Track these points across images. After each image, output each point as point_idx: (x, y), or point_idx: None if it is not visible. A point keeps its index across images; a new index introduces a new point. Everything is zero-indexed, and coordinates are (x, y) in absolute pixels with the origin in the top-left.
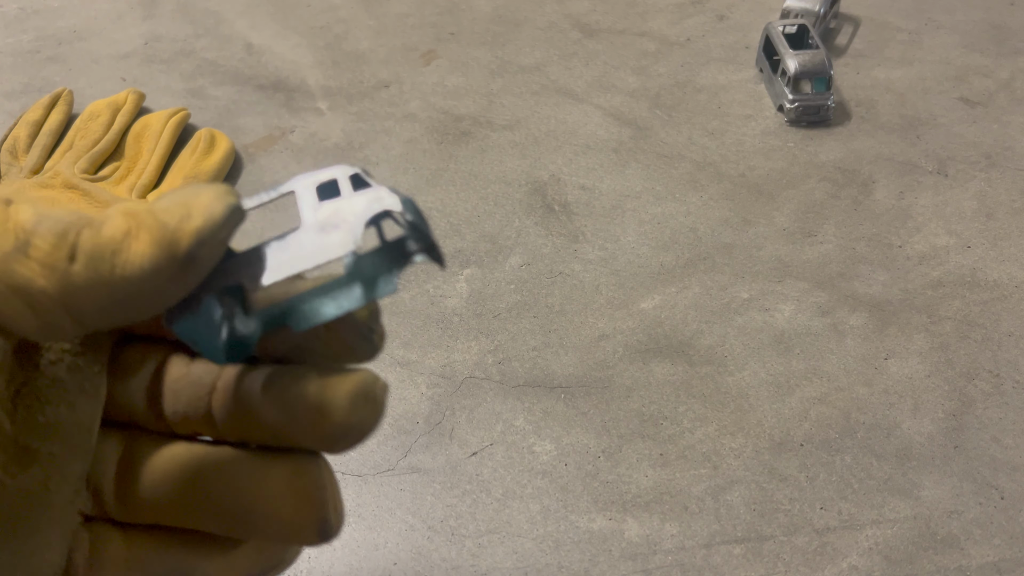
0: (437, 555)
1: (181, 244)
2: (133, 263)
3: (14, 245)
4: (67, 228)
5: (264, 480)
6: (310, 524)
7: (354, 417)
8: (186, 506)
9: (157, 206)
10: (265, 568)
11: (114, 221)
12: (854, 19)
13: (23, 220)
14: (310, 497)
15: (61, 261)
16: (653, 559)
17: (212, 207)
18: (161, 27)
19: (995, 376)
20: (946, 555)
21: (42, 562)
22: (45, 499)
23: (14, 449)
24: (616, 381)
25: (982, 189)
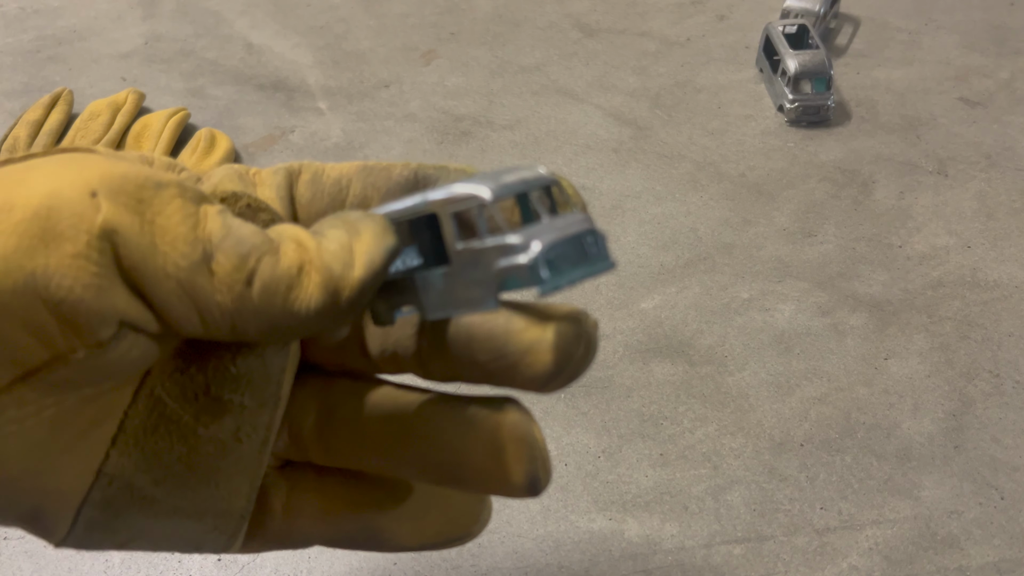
0: (437, 555)
1: (344, 293)
2: (302, 302)
3: (201, 256)
4: (249, 252)
5: (474, 434)
6: (519, 480)
7: (568, 356)
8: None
9: (324, 246)
10: (450, 539)
11: (289, 254)
12: (854, 19)
13: (211, 230)
14: (519, 453)
15: (239, 284)
16: (653, 559)
17: (373, 255)
18: (161, 27)
19: (995, 376)
20: (946, 555)
21: (231, 507)
22: (236, 449)
23: (206, 400)
24: (616, 381)
25: (982, 189)
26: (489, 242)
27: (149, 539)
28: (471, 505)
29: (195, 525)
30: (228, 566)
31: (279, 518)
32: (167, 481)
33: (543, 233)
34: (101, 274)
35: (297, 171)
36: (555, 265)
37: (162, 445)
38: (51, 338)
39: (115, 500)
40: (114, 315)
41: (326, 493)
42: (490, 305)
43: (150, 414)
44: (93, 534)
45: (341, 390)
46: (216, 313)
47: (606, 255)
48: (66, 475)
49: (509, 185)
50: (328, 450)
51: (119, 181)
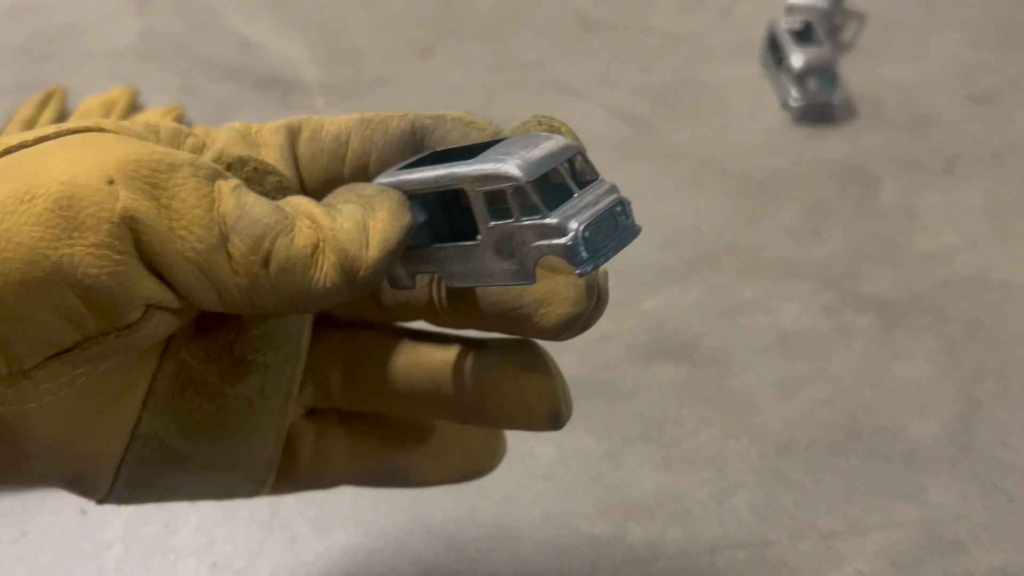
0: (436, 560)
1: (359, 272)
2: (318, 281)
3: (217, 239)
4: (264, 232)
5: (498, 376)
6: (543, 414)
7: (581, 308)
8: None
9: (339, 224)
10: (469, 474)
11: (303, 233)
12: (860, 15)
13: (226, 211)
14: (542, 391)
15: (256, 265)
16: (656, 564)
17: (388, 234)
18: (155, 23)
19: (1003, 378)
20: (953, 559)
21: (259, 458)
22: (262, 404)
23: (230, 360)
24: (618, 383)
25: (990, 187)
26: (525, 221)
27: (185, 492)
28: (489, 442)
29: (227, 476)
30: (223, 570)
31: (308, 463)
32: (199, 438)
33: (578, 211)
34: (124, 261)
35: (297, 128)
36: (592, 243)
37: (191, 405)
38: (83, 321)
39: (151, 459)
40: (140, 299)
41: (352, 437)
42: (527, 281)
43: (177, 376)
44: (133, 491)
45: (363, 341)
46: (234, 292)
47: (633, 222)
48: (103, 439)
49: (539, 162)
50: (356, 398)
51: (133, 166)
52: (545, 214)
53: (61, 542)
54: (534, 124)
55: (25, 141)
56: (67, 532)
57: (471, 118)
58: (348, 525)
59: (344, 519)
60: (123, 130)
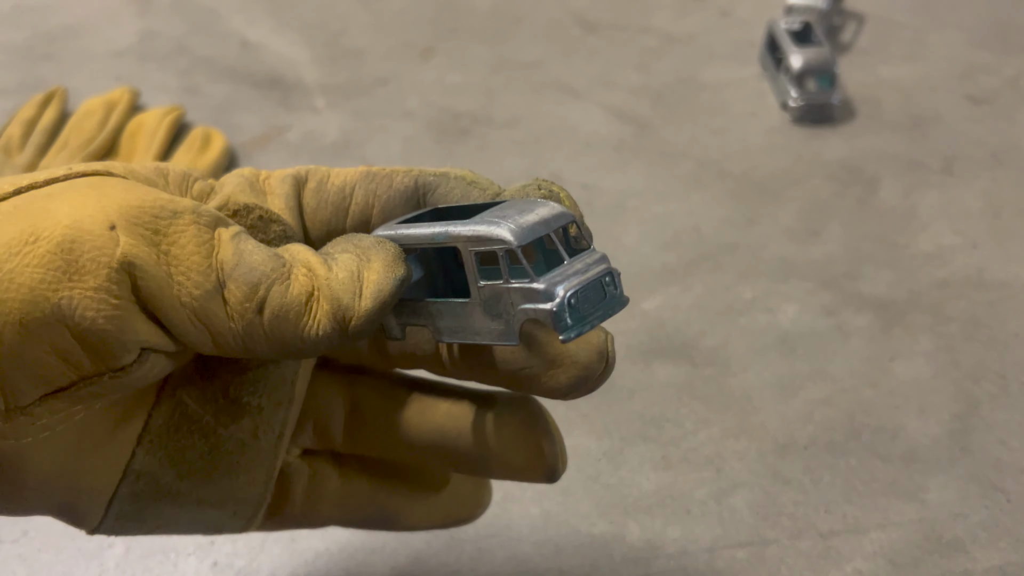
0: (436, 560)
1: (351, 322)
2: (311, 329)
3: (214, 284)
4: (260, 280)
5: (502, 427)
6: (540, 471)
7: (590, 372)
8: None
9: (334, 275)
10: (456, 521)
11: (299, 281)
12: (859, 16)
13: (224, 258)
14: (541, 448)
15: (250, 312)
16: (655, 563)
17: (382, 285)
18: (156, 24)
19: (1001, 377)
20: (952, 559)
21: (249, 496)
22: (254, 446)
23: (225, 402)
24: (618, 383)
25: (988, 188)
26: (514, 283)
27: (174, 526)
28: (477, 491)
29: (217, 512)
30: (224, 570)
31: (300, 503)
32: (191, 476)
33: (566, 278)
34: (121, 306)
35: (304, 178)
36: (577, 311)
37: (185, 443)
38: (78, 362)
39: (143, 494)
40: (135, 342)
41: (345, 479)
42: (511, 342)
43: (173, 414)
44: (124, 524)
45: (366, 388)
46: (229, 338)
47: (621, 293)
48: (96, 473)
49: (532, 229)
50: (357, 444)
51: (136, 212)
52: (533, 279)
53: (62, 541)
54: (534, 188)
55: (35, 182)
56: (68, 532)
57: (474, 177)
58: None
59: None
60: (132, 174)
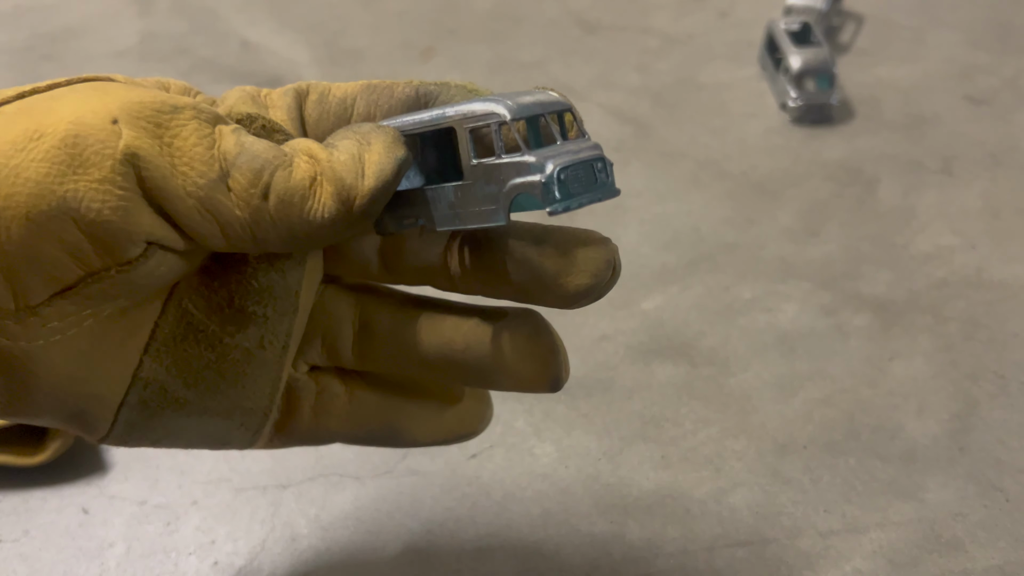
0: (436, 560)
1: (356, 201)
2: (316, 212)
3: (218, 174)
4: (263, 166)
5: (510, 341)
6: (545, 380)
7: (598, 279)
8: (432, 363)
9: (336, 157)
10: (460, 437)
11: (301, 167)
12: (857, 16)
13: (226, 148)
14: (546, 359)
15: (256, 197)
16: (655, 563)
17: (383, 164)
18: (156, 24)
19: (1000, 377)
20: (951, 558)
21: (255, 406)
22: (260, 355)
23: (231, 311)
24: (617, 382)
25: (987, 188)
26: (505, 159)
27: (181, 437)
28: (479, 406)
29: (223, 423)
30: (224, 570)
31: (308, 419)
32: (197, 384)
33: (557, 155)
34: (126, 197)
35: (305, 91)
36: (566, 186)
37: (191, 352)
38: (85, 256)
39: (150, 402)
40: (141, 235)
41: (353, 396)
42: (500, 219)
43: (179, 324)
44: (131, 433)
45: (375, 306)
46: (236, 227)
47: (613, 183)
48: (106, 380)
49: (527, 106)
50: (366, 361)
51: (138, 107)
52: (524, 152)
53: (63, 541)
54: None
55: (38, 87)
56: (69, 531)
57: (474, 87)
58: (349, 524)
59: (345, 518)
60: (132, 82)
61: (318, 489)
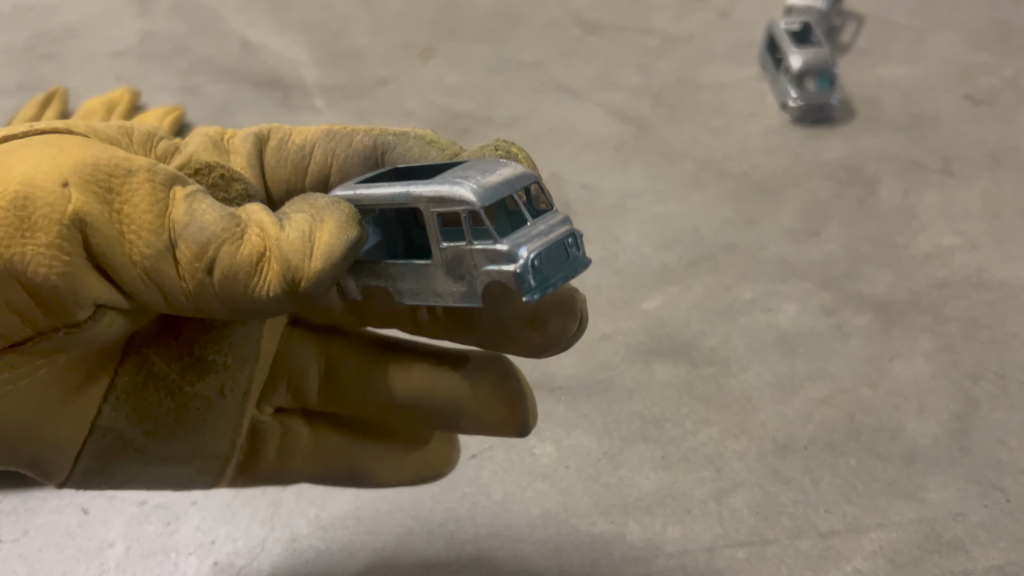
0: (437, 559)
1: (302, 284)
2: (261, 289)
3: (166, 244)
4: (210, 239)
5: (475, 385)
6: (513, 425)
7: (565, 331)
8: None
9: (285, 235)
10: (424, 479)
11: (251, 241)
12: (858, 16)
13: (176, 217)
14: (514, 404)
15: (200, 272)
16: (655, 563)
17: (333, 246)
18: (156, 24)
19: (1001, 377)
20: (951, 559)
21: (215, 452)
22: (220, 403)
23: (191, 359)
24: (618, 383)
25: (988, 188)
26: (477, 245)
27: (143, 481)
28: (446, 448)
29: (184, 468)
30: (224, 570)
31: (272, 460)
32: (157, 432)
33: (529, 240)
34: (72, 262)
35: (266, 136)
36: (541, 272)
37: (151, 400)
38: (33, 317)
39: (109, 450)
40: (88, 298)
41: (317, 437)
42: (474, 303)
43: (139, 372)
44: (91, 479)
45: (340, 347)
46: (180, 297)
47: (584, 255)
48: (62, 428)
49: (495, 188)
50: (332, 402)
51: (91, 169)
52: (496, 240)
53: (63, 541)
54: (491, 148)
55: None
56: (69, 531)
57: (433, 137)
58: (349, 524)
59: (345, 518)
60: (94, 132)
61: (318, 489)
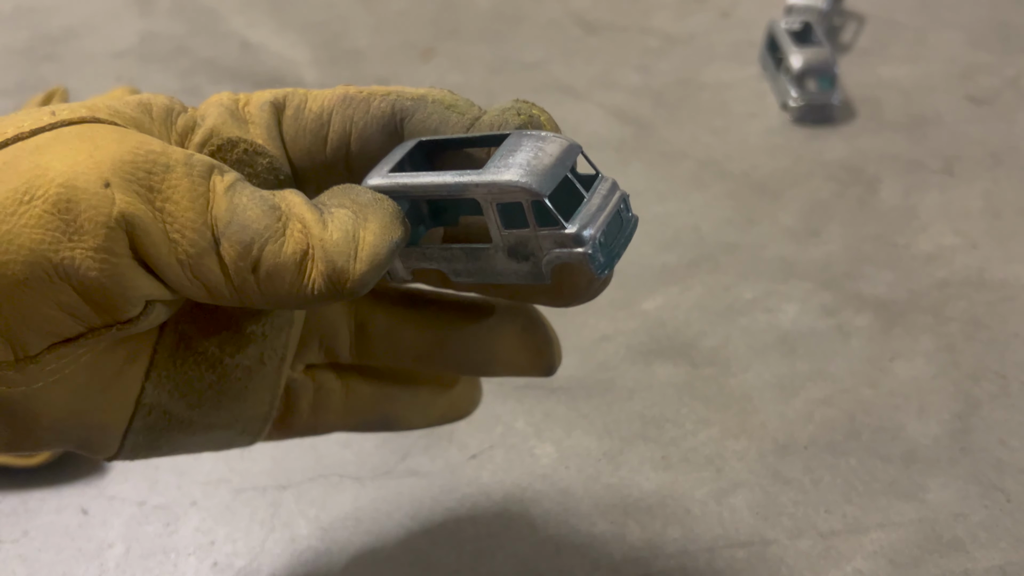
0: (436, 560)
1: (346, 285)
2: (305, 289)
3: (209, 242)
4: (253, 239)
5: (503, 335)
6: (540, 368)
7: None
8: (429, 357)
9: (329, 235)
10: (450, 420)
11: (293, 238)
12: (859, 16)
13: (218, 215)
14: (540, 348)
15: (244, 270)
16: (655, 563)
17: (378, 248)
18: (156, 25)
19: (1001, 377)
20: (952, 559)
21: (256, 414)
22: (259, 371)
23: (228, 332)
24: (618, 383)
25: (988, 188)
26: (543, 231)
27: (187, 448)
28: (470, 392)
29: (226, 433)
30: (224, 570)
31: (306, 415)
32: (201, 405)
33: (591, 217)
34: (121, 264)
35: (282, 104)
36: (606, 247)
37: (192, 374)
38: (86, 316)
39: (155, 426)
40: (139, 297)
41: (349, 391)
42: (542, 281)
43: (178, 347)
44: (139, 452)
45: (369, 305)
46: (224, 292)
47: (632, 214)
48: (108, 410)
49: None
50: (363, 357)
51: (130, 167)
52: (563, 224)
53: (62, 541)
54: (513, 114)
55: (21, 132)
56: (68, 531)
57: (452, 100)
58: (349, 524)
59: (345, 518)
60: (118, 115)
61: (318, 489)
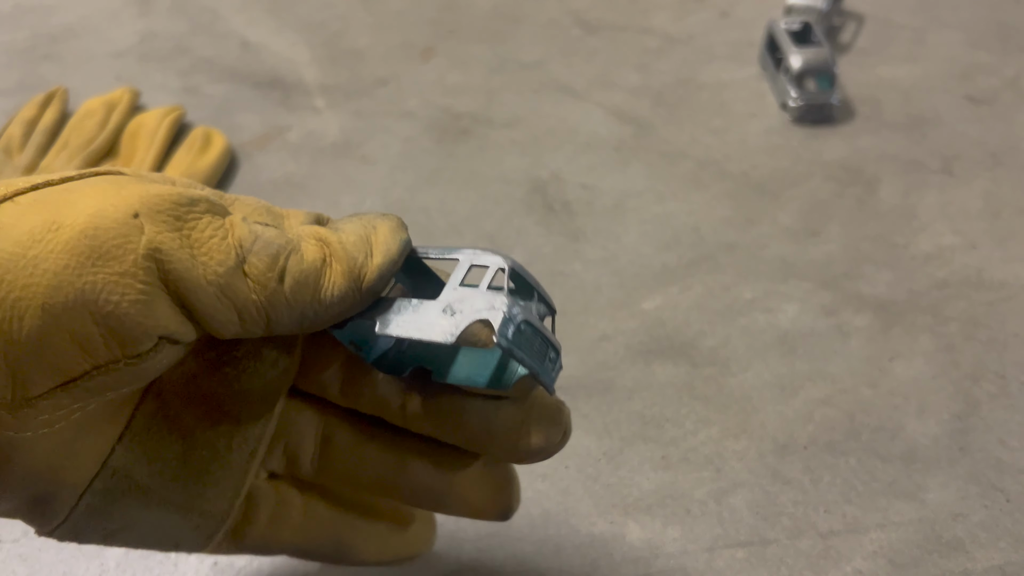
0: (436, 559)
1: (366, 278)
2: (328, 290)
3: (236, 261)
4: (278, 251)
5: (462, 471)
6: (496, 510)
7: (548, 442)
8: (386, 482)
9: (344, 239)
10: (403, 559)
11: (312, 250)
12: (858, 16)
13: (240, 236)
14: (500, 488)
15: (273, 281)
16: (655, 563)
17: (389, 244)
18: (156, 24)
19: (1001, 377)
20: (951, 559)
21: (215, 508)
22: (227, 456)
23: (207, 408)
24: (617, 383)
25: (988, 188)
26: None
27: (136, 530)
28: (425, 531)
29: (180, 520)
30: (224, 570)
31: (263, 527)
32: (163, 474)
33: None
34: (147, 291)
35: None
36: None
37: (163, 441)
38: (95, 349)
39: (114, 489)
40: (157, 329)
41: (308, 509)
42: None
43: (156, 413)
44: (88, 521)
45: (337, 419)
46: (253, 311)
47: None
48: (78, 468)
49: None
50: (324, 474)
51: (156, 201)
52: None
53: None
54: None
55: (51, 180)
56: None
57: None
58: None
59: None
60: (145, 177)
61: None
